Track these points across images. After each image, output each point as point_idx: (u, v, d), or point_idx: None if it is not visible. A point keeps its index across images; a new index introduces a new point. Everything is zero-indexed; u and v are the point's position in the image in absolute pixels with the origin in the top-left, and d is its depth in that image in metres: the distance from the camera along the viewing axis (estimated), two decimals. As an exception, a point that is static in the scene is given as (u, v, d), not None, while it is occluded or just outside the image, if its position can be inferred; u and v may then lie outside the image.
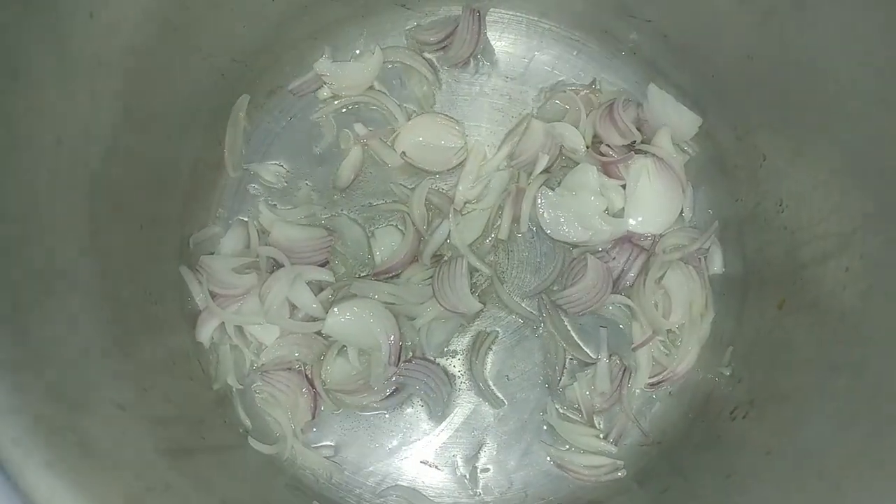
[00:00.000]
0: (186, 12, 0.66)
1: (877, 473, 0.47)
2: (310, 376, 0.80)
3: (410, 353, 0.82)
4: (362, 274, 0.84)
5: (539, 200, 0.83)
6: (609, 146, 0.85)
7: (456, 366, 0.83)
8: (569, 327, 0.83)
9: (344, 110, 0.88)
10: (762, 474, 0.57)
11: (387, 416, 0.81)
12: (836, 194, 0.61)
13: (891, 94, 0.57)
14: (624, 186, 0.84)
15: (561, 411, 0.82)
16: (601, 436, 0.81)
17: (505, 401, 0.82)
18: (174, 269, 0.77)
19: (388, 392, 0.80)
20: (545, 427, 0.81)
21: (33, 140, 0.50)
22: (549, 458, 0.80)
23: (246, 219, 0.84)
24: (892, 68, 0.56)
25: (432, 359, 0.82)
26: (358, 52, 0.88)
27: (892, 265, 0.55)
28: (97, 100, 0.58)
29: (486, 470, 0.81)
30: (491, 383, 0.82)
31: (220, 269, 0.78)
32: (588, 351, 0.82)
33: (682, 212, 0.84)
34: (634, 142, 0.85)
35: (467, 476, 0.80)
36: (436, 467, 0.81)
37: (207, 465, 0.63)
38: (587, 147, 0.85)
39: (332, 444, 0.80)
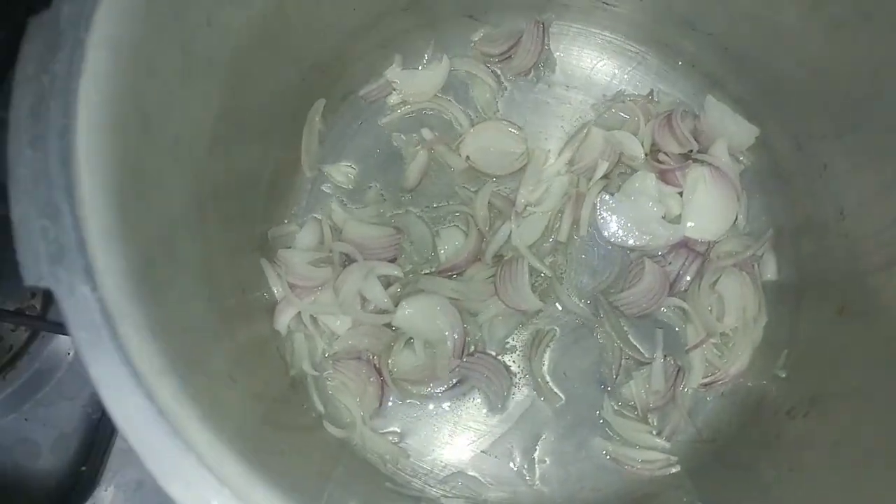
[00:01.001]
0: (284, 19, 0.71)
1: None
2: (378, 366, 0.84)
3: (473, 347, 0.85)
4: (427, 271, 0.88)
5: (598, 205, 0.87)
6: (667, 154, 0.88)
7: (515, 361, 0.86)
8: (625, 328, 0.86)
9: (411, 116, 0.93)
10: (831, 467, 0.59)
11: (449, 406, 0.85)
12: (902, 202, 0.64)
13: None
14: (681, 194, 0.87)
15: (616, 408, 0.85)
16: (655, 432, 0.84)
17: (562, 396, 0.85)
18: (256, 261, 0.82)
19: (452, 383, 0.84)
20: (601, 422, 0.84)
21: (161, 133, 0.55)
22: (604, 452, 0.83)
23: (319, 216, 0.89)
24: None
25: (493, 353, 0.86)
26: (426, 60, 0.93)
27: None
28: (207, 99, 0.64)
29: (542, 461, 0.84)
30: (548, 379, 0.86)
31: (297, 262, 0.83)
32: (643, 351, 0.86)
33: (736, 219, 0.88)
34: (691, 151, 0.88)
35: (525, 467, 0.84)
36: (495, 457, 0.84)
37: (301, 440, 0.67)
38: (646, 155, 0.89)
39: (398, 430, 0.84)
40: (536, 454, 0.84)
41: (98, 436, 0.86)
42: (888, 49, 0.63)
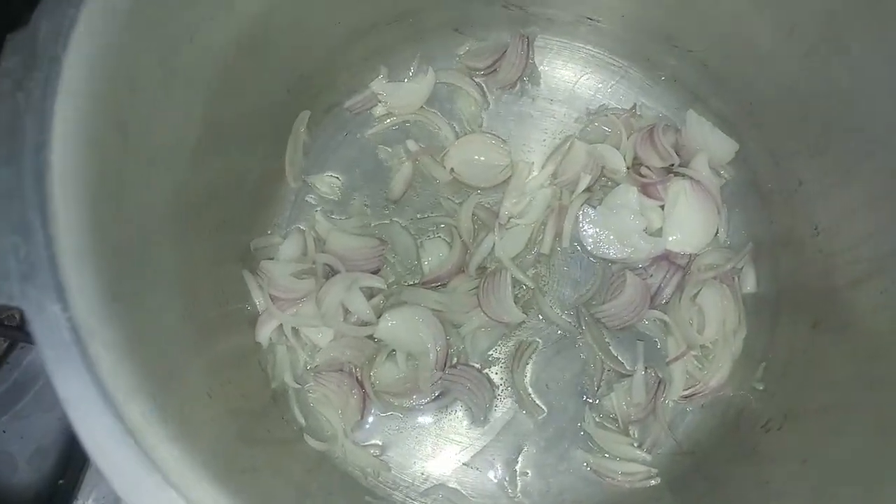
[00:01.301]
0: (267, 33, 0.71)
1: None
2: (360, 378, 0.84)
3: (455, 359, 0.86)
4: (410, 282, 0.88)
5: (580, 218, 0.88)
6: (649, 168, 0.89)
7: (498, 373, 0.86)
8: (607, 340, 0.87)
9: (397, 127, 0.93)
10: (799, 482, 0.60)
11: (431, 418, 0.85)
12: (873, 221, 0.65)
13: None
14: (662, 207, 0.88)
15: (597, 420, 0.85)
16: (635, 444, 0.84)
17: (544, 408, 0.85)
18: (238, 273, 0.82)
19: (434, 395, 0.84)
20: (582, 434, 0.85)
21: (141, 147, 0.55)
22: (585, 465, 0.84)
23: (303, 227, 0.89)
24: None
25: (476, 366, 0.86)
26: (412, 72, 0.93)
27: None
28: (190, 111, 0.64)
29: (524, 474, 0.84)
30: (531, 391, 0.86)
31: (279, 273, 0.83)
32: (625, 363, 0.86)
33: (717, 233, 0.88)
34: (673, 164, 0.89)
35: (507, 479, 0.84)
36: (477, 469, 0.84)
37: (278, 454, 0.67)
38: (628, 168, 0.89)
39: (380, 443, 0.84)
40: (518, 466, 0.84)
41: (76, 449, 0.86)
42: (859, 74, 0.64)
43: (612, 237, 0.87)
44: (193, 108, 0.65)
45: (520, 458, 0.84)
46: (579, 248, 0.89)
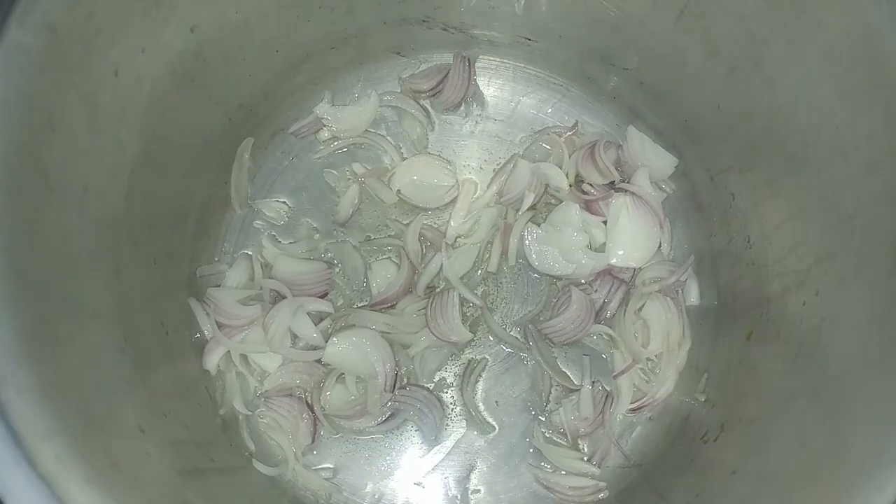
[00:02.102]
0: (202, 64, 0.72)
1: (823, 490, 0.52)
2: (310, 402, 0.84)
3: (405, 380, 0.86)
4: (359, 304, 0.88)
5: (526, 235, 0.89)
6: (591, 185, 0.91)
7: (448, 392, 0.87)
8: (555, 355, 0.88)
9: (343, 150, 0.94)
10: (726, 493, 0.62)
11: (382, 439, 0.85)
12: (796, 235, 0.67)
13: (846, 146, 0.62)
14: (605, 223, 0.89)
15: (547, 435, 0.86)
16: (585, 458, 0.85)
17: (495, 425, 0.86)
18: (184, 301, 0.82)
19: (384, 417, 0.85)
20: (532, 450, 0.86)
21: (66, 187, 0.55)
22: (535, 480, 0.85)
23: (250, 253, 0.89)
24: (846, 123, 0.62)
25: (425, 386, 0.87)
26: (356, 96, 0.94)
27: (843, 301, 0.61)
28: (121, 146, 0.64)
29: (476, 491, 0.85)
30: (481, 408, 0.87)
31: (226, 300, 0.83)
32: (572, 378, 0.87)
33: (660, 246, 0.90)
34: (614, 181, 0.91)
35: (459, 497, 0.85)
36: (429, 489, 0.85)
37: (218, 485, 0.67)
38: (570, 186, 0.91)
39: (331, 466, 0.84)
40: (470, 484, 0.85)
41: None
42: (777, 94, 0.66)
43: (556, 254, 0.89)
44: (126, 141, 0.65)
45: (471, 476, 0.85)
46: (525, 265, 0.90)
